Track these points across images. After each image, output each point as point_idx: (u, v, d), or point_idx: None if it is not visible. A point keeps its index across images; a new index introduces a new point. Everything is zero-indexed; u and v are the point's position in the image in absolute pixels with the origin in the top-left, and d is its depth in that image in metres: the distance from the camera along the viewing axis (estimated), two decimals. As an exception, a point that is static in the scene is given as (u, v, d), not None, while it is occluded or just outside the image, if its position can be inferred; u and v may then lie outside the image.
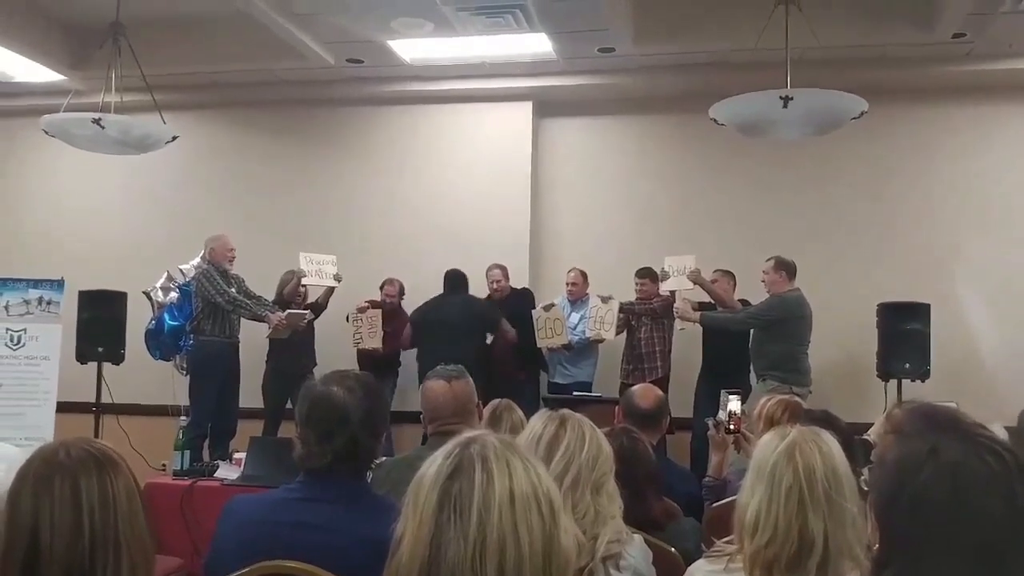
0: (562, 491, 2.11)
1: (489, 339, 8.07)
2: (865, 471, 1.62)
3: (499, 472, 1.47)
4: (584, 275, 8.21)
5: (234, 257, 7.80)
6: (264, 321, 7.65)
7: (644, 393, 4.42)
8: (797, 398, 4.63)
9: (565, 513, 1.56)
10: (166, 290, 8.11)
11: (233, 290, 7.65)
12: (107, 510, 1.84)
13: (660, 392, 4.53)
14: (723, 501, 3.84)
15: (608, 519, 2.43)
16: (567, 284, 8.22)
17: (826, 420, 3.22)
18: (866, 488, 1.55)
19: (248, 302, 7.67)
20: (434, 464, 1.51)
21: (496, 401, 4.17)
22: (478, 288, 8.21)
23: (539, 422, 2.55)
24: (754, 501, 2.14)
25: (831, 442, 2.20)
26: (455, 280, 7.98)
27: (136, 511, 1.89)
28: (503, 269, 8.15)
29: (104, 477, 1.87)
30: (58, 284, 7.54)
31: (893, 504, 1.42)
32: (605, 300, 7.90)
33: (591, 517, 2.40)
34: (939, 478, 1.38)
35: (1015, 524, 1.35)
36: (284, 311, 7.72)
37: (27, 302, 7.44)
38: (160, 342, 8.06)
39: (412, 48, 8.00)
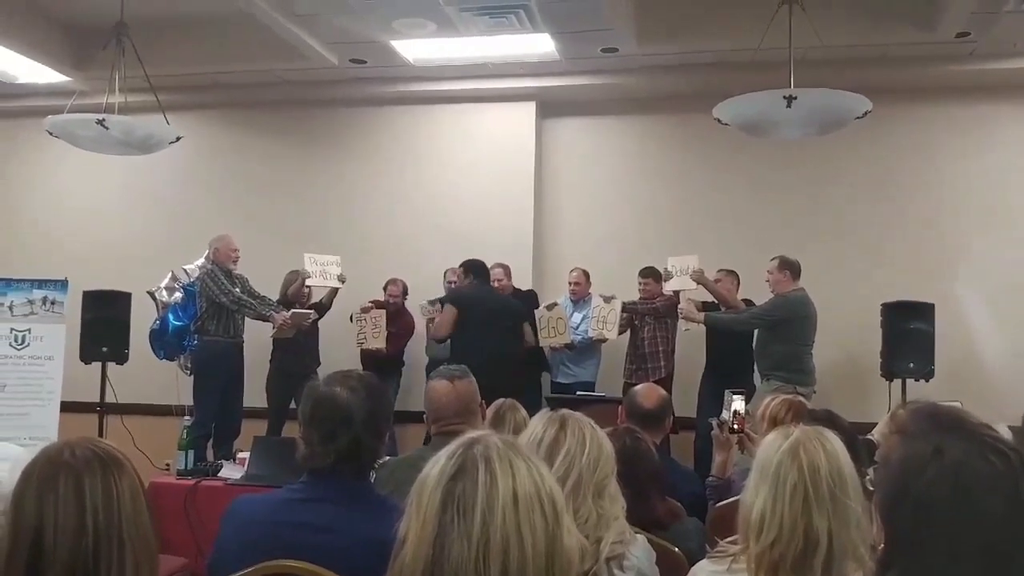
0: (563, 495, 2.10)
1: None
2: (870, 471, 1.62)
3: (502, 472, 1.47)
4: (587, 274, 8.21)
5: (238, 257, 7.81)
6: (268, 321, 7.66)
7: (647, 393, 4.41)
8: (801, 398, 4.63)
9: (568, 514, 1.56)
10: (170, 290, 8.11)
11: (237, 290, 7.66)
12: (111, 510, 1.84)
13: (663, 392, 4.52)
14: (727, 501, 3.83)
15: (611, 521, 2.41)
16: (569, 284, 8.22)
17: (829, 420, 3.22)
18: (871, 488, 1.54)
19: (252, 302, 7.68)
20: (437, 465, 1.51)
21: (500, 401, 4.17)
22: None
23: (539, 424, 2.52)
24: (759, 501, 2.14)
25: (835, 441, 2.19)
26: (483, 270, 7.68)
27: (140, 511, 1.89)
28: (505, 268, 8.14)
29: (108, 477, 1.87)
30: (62, 284, 7.55)
31: (897, 504, 1.42)
32: (608, 300, 7.89)
33: (593, 521, 2.38)
34: (943, 478, 1.37)
35: (1020, 524, 1.35)
36: (288, 311, 7.72)
37: (31, 302, 7.46)
38: (164, 342, 8.07)
39: (415, 48, 8.00)
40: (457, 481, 1.47)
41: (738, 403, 4.52)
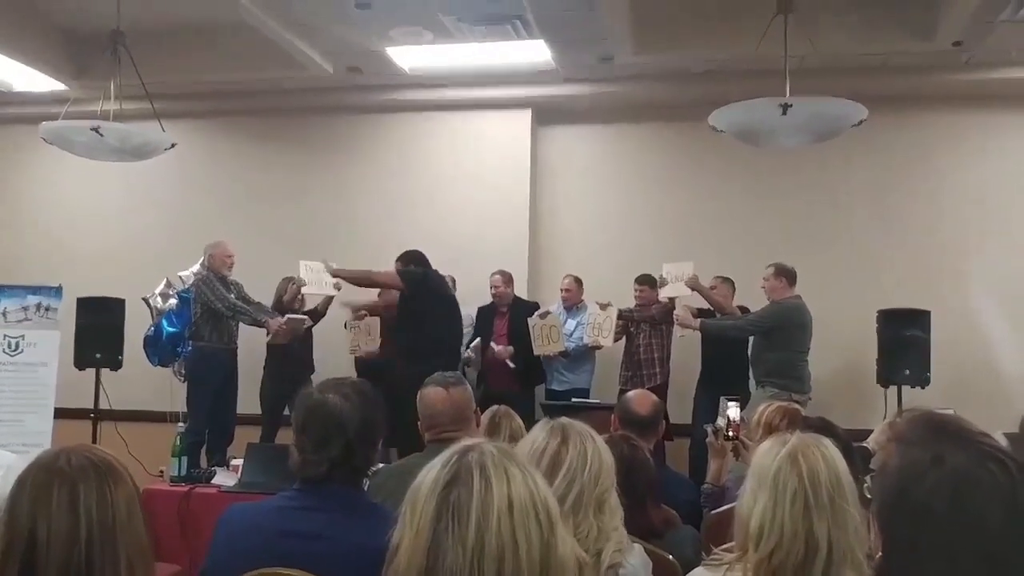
0: (564, 511, 2.07)
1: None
2: (868, 479, 1.61)
3: (497, 480, 1.46)
4: (579, 281, 8.21)
5: (233, 263, 7.81)
6: (264, 327, 7.65)
7: (640, 400, 4.41)
8: (796, 405, 4.62)
9: (565, 527, 1.54)
10: (165, 297, 8.11)
11: (232, 296, 7.65)
12: (106, 518, 1.83)
13: (656, 398, 4.52)
14: (722, 508, 3.82)
15: (611, 533, 2.39)
16: (561, 291, 8.22)
17: (824, 428, 3.20)
18: (868, 496, 1.54)
19: (248, 308, 7.68)
20: (432, 472, 1.50)
21: (494, 408, 4.16)
22: (481, 295, 8.22)
23: (541, 435, 2.46)
24: (758, 508, 2.12)
25: (832, 448, 2.18)
26: (424, 261, 7.56)
27: (135, 519, 1.88)
28: (503, 275, 8.14)
29: (104, 485, 1.86)
30: (56, 291, 7.52)
31: (896, 512, 1.41)
32: (604, 307, 7.88)
33: (594, 535, 2.35)
34: (942, 486, 1.36)
35: (1018, 532, 1.34)
36: (284, 317, 7.71)
37: (25, 308, 7.42)
38: (158, 348, 8.05)
39: (411, 57, 8.00)
40: (452, 488, 1.46)
41: (733, 410, 4.51)
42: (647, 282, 7.91)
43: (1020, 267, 7.99)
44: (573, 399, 7.64)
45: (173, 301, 8.08)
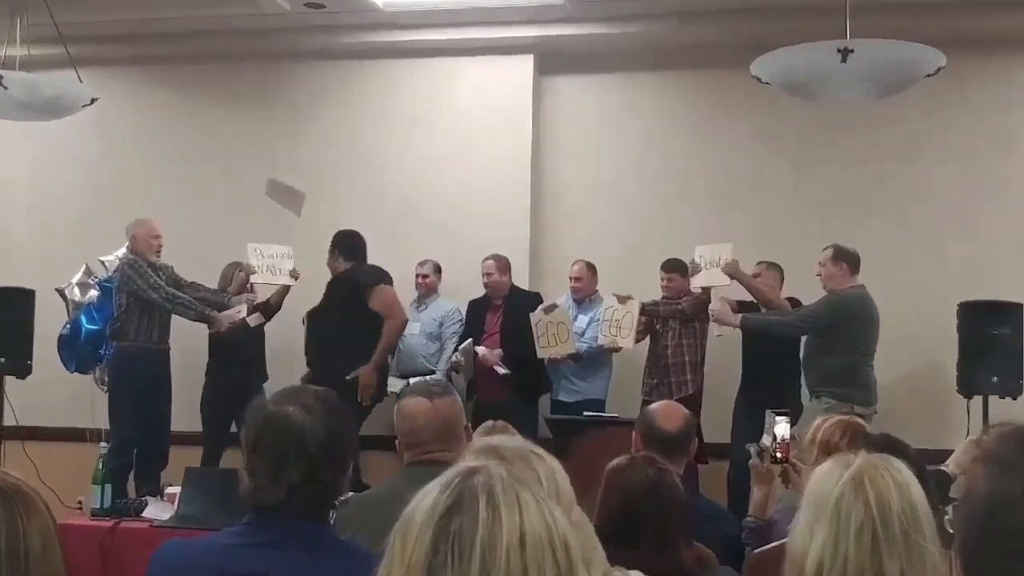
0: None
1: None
2: (949, 509, 1.62)
3: (508, 509, 1.47)
4: (592, 268, 8.19)
5: (160, 247, 7.77)
6: (210, 322, 7.67)
7: (667, 413, 4.42)
8: (859, 419, 4.63)
9: (583, 566, 1.55)
10: (84, 287, 8.10)
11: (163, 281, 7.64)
12: (16, 555, 1.83)
13: (686, 411, 4.53)
14: (769, 545, 3.83)
15: (588, 539, 2.38)
16: (570, 279, 8.21)
17: (890, 447, 3.19)
18: (950, 530, 1.55)
19: (191, 299, 7.66)
20: (429, 497, 1.50)
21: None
22: (471, 285, 8.28)
23: None
24: (815, 544, 2.12)
25: (905, 471, 2.18)
26: (361, 246, 8.09)
27: (52, 553, 1.88)
28: (497, 260, 8.11)
29: (13, 515, 1.85)
30: (-51, 280, 7.54)
31: (985, 548, 1.42)
32: (623, 300, 7.86)
33: None
34: (1040, 517, 1.37)
35: None
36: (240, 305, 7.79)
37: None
38: (76, 350, 8.04)
39: (385, -11, 8.01)
40: (453, 516, 1.46)
41: (781, 426, 4.51)
42: (676, 269, 7.88)
43: None
44: (584, 412, 7.64)
45: (94, 292, 8.07)
